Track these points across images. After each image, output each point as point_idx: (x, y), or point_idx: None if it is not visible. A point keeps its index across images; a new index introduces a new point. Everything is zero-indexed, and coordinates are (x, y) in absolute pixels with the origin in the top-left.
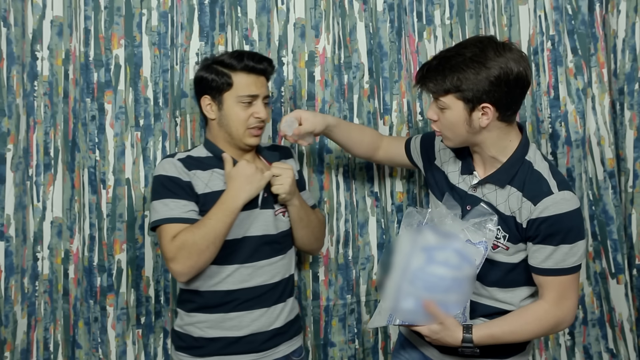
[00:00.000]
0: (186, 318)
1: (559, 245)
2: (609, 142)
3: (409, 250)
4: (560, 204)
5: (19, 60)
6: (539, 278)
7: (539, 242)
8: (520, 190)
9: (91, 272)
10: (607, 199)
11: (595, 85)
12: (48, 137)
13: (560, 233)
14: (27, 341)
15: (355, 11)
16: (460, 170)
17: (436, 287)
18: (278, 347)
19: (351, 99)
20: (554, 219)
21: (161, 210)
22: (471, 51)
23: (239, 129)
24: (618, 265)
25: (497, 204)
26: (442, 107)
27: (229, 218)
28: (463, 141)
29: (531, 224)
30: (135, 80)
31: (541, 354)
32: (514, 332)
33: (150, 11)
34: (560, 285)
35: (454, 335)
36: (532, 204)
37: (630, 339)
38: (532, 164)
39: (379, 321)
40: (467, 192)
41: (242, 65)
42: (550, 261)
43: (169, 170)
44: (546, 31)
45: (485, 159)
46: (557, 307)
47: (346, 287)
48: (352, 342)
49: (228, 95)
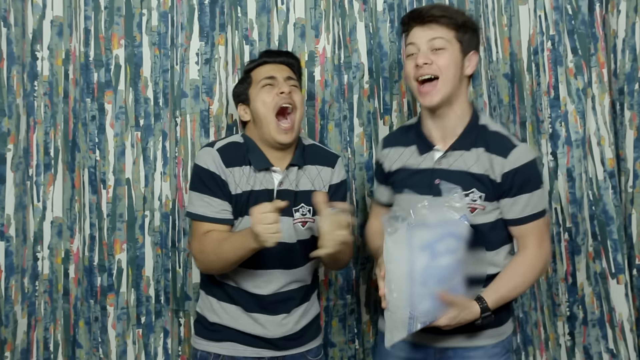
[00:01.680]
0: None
1: (533, 192)
2: (609, 142)
3: (408, 255)
4: (526, 153)
5: (19, 60)
6: (520, 228)
7: (515, 194)
8: (486, 149)
9: (91, 272)
10: (607, 199)
11: (595, 85)
12: (48, 137)
13: (532, 180)
14: (27, 341)
15: (355, 11)
16: (418, 152)
17: (447, 277)
18: (290, 350)
19: (351, 99)
20: (525, 167)
21: (197, 204)
22: (457, 8)
23: (268, 117)
24: (618, 265)
25: (469, 167)
26: (440, 47)
27: (242, 252)
28: (451, 90)
29: (506, 177)
30: (136, 80)
31: (541, 354)
32: (518, 286)
33: (150, 11)
34: (539, 229)
35: (473, 310)
36: (503, 158)
37: (630, 339)
38: (487, 126)
39: (398, 335)
40: (432, 168)
41: (259, 61)
42: (529, 208)
43: (209, 164)
44: (546, 31)
45: (445, 130)
46: (541, 249)
47: (346, 287)
48: (352, 342)
49: (252, 90)
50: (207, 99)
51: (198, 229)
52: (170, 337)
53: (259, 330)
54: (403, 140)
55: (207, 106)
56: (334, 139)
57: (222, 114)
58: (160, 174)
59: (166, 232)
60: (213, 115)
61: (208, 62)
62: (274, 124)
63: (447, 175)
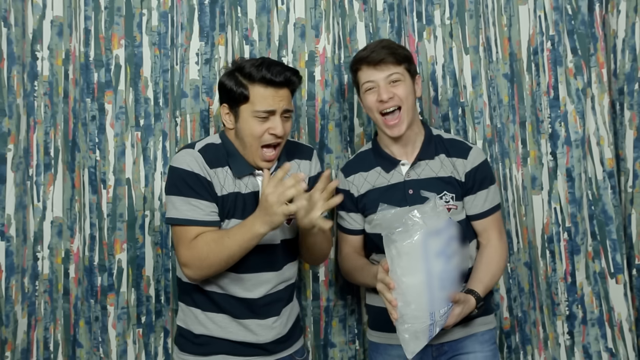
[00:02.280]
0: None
1: (489, 187)
2: (609, 142)
3: (423, 264)
4: (480, 153)
5: (19, 60)
6: (483, 222)
7: (476, 191)
8: (447, 155)
9: (92, 272)
10: (607, 199)
11: (595, 85)
12: (48, 137)
13: (488, 177)
14: (27, 341)
15: (355, 11)
16: (384, 171)
17: (456, 277)
18: (280, 354)
19: (351, 99)
20: (482, 165)
21: (182, 208)
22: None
23: (253, 145)
24: (617, 265)
25: (437, 173)
26: (396, 79)
27: (247, 243)
28: (412, 115)
29: (468, 176)
30: (136, 80)
31: (540, 353)
32: (495, 275)
33: (151, 11)
34: (498, 222)
35: (471, 303)
36: (464, 159)
37: (629, 339)
38: (441, 135)
39: (420, 344)
40: (403, 180)
41: (260, 76)
42: (487, 202)
43: (192, 166)
44: (546, 31)
45: (407, 146)
46: (502, 240)
47: (346, 288)
48: (353, 343)
49: (244, 108)
50: (207, 99)
51: (185, 234)
52: (171, 336)
53: (250, 337)
54: (364, 166)
55: (207, 106)
56: (334, 139)
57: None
58: (161, 174)
59: (166, 232)
60: (213, 115)
61: (208, 62)
62: (258, 152)
63: (419, 184)
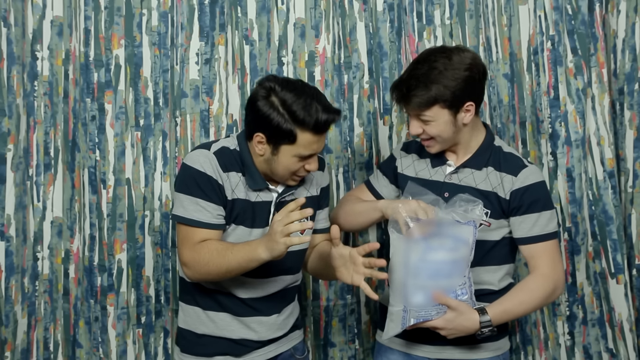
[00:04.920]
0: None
1: (541, 212)
2: (609, 142)
3: (405, 247)
4: (536, 173)
5: (19, 60)
6: (530, 248)
7: (523, 213)
8: (497, 168)
9: (91, 272)
10: (607, 199)
11: (595, 85)
12: (48, 137)
13: (541, 200)
14: (27, 341)
15: (355, 11)
16: (431, 164)
17: (439, 273)
18: (279, 348)
19: (351, 99)
20: (534, 187)
21: (190, 208)
22: (442, 63)
23: (284, 176)
24: (618, 265)
25: (477, 184)
26: (426, 119)
27: (247, 264)
28: (450, 141)
29: (515, 195)
30: (136, 80)
31: (541, 353)
32: (523, 302)
33: (150, 11)
34: (550, 250)
35: (471, 317)
36: (513, 176)
37: (630, 339)
38: (502, 147)
39: (394, 328)
40: (443, 181)
41: (314, 123)
42: (537, 228)
43: (205, 167)
44: (546, 31)
45: (459, 149)
46: (553, 271)
47: (346, 287)
48: (352, 343)
49: (287, 148)
50: (207, 99)
51: (191, 235)
52: (171, 336)
53: (251, 334)
54: (420, 152)
55: (207, 106)
56: (334, 139)
57: (222, 114)
58: (160, 174)
59: (166, 232)
60: (213, 115)
61: (208, 62)
62: (286, 177)
63: (456, 189)
